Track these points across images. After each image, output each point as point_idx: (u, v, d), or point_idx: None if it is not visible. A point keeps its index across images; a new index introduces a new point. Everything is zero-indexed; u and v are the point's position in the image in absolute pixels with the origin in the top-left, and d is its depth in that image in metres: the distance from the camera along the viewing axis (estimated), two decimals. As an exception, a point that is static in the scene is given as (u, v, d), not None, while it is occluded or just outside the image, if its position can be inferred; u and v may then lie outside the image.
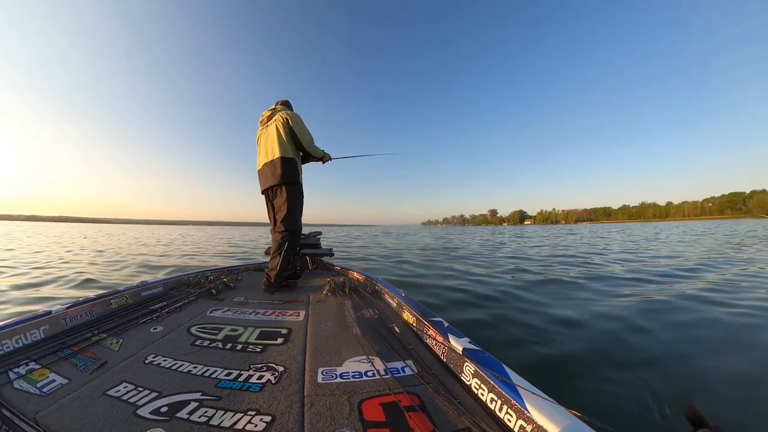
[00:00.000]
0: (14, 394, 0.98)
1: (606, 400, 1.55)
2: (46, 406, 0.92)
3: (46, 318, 1.46)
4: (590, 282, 4.27)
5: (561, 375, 1.81)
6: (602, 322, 2.59)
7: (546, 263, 6.37)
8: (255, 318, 1.78)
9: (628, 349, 2.10)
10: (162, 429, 0.83)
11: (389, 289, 2.09)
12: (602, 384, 1.67)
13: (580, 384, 1.69)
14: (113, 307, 1.86)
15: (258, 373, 1.13)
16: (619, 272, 5.12)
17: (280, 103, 2.81)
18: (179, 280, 2.57)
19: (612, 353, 2.03)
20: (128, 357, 1.27)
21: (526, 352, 2.08)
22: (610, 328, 2.44)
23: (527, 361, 1.95)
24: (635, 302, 3.18)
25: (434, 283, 4.36)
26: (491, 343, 2.16)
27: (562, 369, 1.88)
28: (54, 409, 0.91)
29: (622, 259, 6.86)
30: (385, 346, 1.37)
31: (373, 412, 0.92)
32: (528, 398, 0.80)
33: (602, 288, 3.88)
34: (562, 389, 1.60)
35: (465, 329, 1.31)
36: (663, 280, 4.34)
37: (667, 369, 1.84)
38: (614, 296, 3.45)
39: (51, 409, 0.91)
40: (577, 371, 1.83)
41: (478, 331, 2.50)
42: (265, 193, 2.63)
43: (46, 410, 0.90)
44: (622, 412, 1.46)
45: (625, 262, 6.40)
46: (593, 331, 2.39)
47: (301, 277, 3.02)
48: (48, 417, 0.87)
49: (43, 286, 4.18)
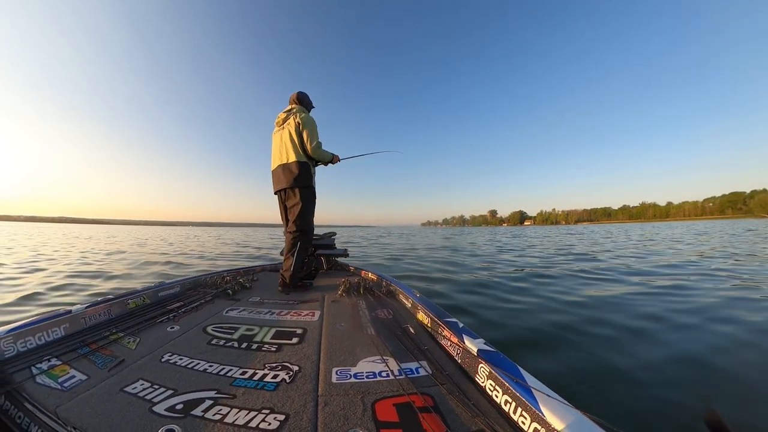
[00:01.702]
0: (37, 388, 1.02)
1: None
2: (67, 400, 0.96)
3: (67, 317, 1.50)
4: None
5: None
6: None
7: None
8: (270, 318, 1.79)
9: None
10: (177, 426, 0.84)
11: (404, 290, 2.08)
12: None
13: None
14: (131, 306, 1.90)
15: (273, 372, 1.13)
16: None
17: (295, 99, 2.70)
18: (196, 281, 2.58)
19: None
20: (145, 355, 1.29)
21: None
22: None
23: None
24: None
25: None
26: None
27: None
28: (74, 404, 0.94)
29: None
30: (399, 346, 1.36)
31: (386, 412, 0.91)
32: (542, 400, 0.79)
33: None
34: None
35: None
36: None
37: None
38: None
39: (71, 403, 0.94)
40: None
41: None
42: (278, 194, 2.63)
43: (67, 404, 0.94)
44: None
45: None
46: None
47: (316, 278, 3.01)
48: (68, 411, 0.91)
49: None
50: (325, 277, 3.03)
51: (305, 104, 2.73)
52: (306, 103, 2.74)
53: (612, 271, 5.21)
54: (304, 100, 2.74)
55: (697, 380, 1.70)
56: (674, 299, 3.26)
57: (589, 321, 2.61)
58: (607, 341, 2.19)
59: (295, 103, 2.69)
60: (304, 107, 2.69)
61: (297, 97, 2.70)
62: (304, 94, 2.75)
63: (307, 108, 2.74)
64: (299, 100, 2.70)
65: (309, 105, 2.78)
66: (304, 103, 2.72)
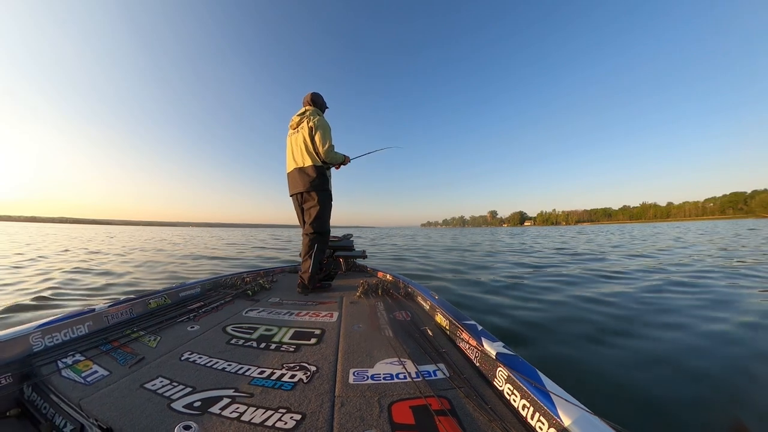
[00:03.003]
0: (62, 381, 1.07)
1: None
2: (89, 394, 1.00)
3: (91, 315, 1.55)
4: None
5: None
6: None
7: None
8: (289, 318, 1.80)
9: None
10: (194, 422, 0.85)
11: (422, 292, 2.06)
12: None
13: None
14: (152, 306, 1.94)
15: (290, 372, 1.14)
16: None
17: (309, 101, 2.65)
18: (216, 282, 2.61)
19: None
20: (165, 353, 1.31)
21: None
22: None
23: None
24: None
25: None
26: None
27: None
28: (96, 397, 0.98)
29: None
30: (417, 348, 1.35)
31: (402, 414, 0.90)
32: (561, 406, 0.77)
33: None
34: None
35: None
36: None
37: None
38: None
39: (93, 397, 0.98)
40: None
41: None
42: (294, 197, 2.63)
43: (89, 398, 0.98)
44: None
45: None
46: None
47: (334, 279, 3.01)
48: (90, 404, 0.94)
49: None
50: (343, 279, 3.04)
51: (319, 105, 2.68)
52: (320, 104, 2.69)
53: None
54: (318, 101, 2.69)
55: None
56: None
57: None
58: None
59: (309, 104, 2.64)
60: (318, 108, 2.65)
61: (311, 98, 2.65)
62: (317, 95, 2.69)
63: (321, 109, 2.69)
64: (313, 101, 2.65)
65: (323, 106, 2.73)
66: (318, 104, 2.67)
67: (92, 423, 0.88)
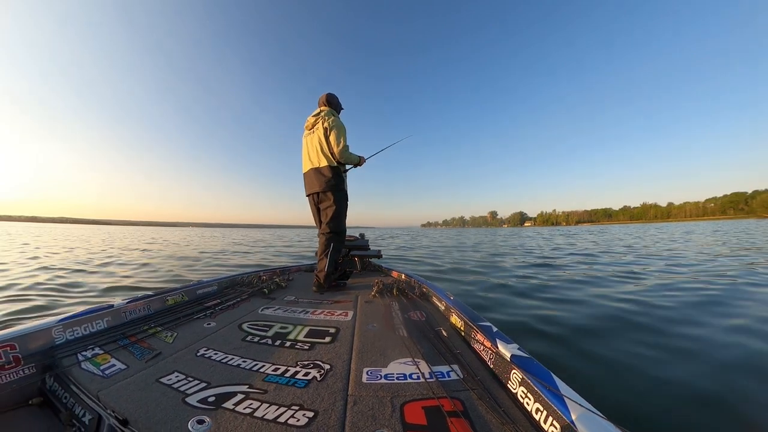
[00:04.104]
0: (81, 373, 1.12)
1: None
2: (107, 386, 1.03)
3: (109, 311, 1.59)
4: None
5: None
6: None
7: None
8: (304, 317, 1.81)
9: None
10: (207, 417, 0.87)
11: (437, 292, 2.04)
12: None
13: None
14: (169, 303, 1.97)
15: (304, 370, 1.15)
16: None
17: (324, 101, 2.63)
18: (233, 280, 2.62)
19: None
20: (181, 349, 1.33)
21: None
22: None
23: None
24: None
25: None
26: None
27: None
28: (113, 390, 1.01)
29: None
30: (431, 349, 1.34)
31: (415, 415, 0.90)
32: (575, 411, 0.75)
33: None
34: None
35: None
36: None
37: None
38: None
39: (111, 389, 1.02)
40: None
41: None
42: (310, 197, 2.64)
43: (107, 390, 1.01)
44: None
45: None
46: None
47: (349, 278, 3.01)
48: (108, 395, 0.98)
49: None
50: (358, 278, 3.05)
51: (334, 106, 2.66)
52: (335, 104, 2.68)
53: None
54: (333, 101, 2.67)
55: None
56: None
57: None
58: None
59: (325, 105, 2.63)
60: (333, 108, 2.64)
61: (326, 99, 2.64)
62: (333, 96, 2.67)
63: (336, 110, 2.68)
64: (328, 101, 2.64)
65: (338, 107, 2.71)
66: (333, 105, 2.66)
67: (109, 414, 0.90)
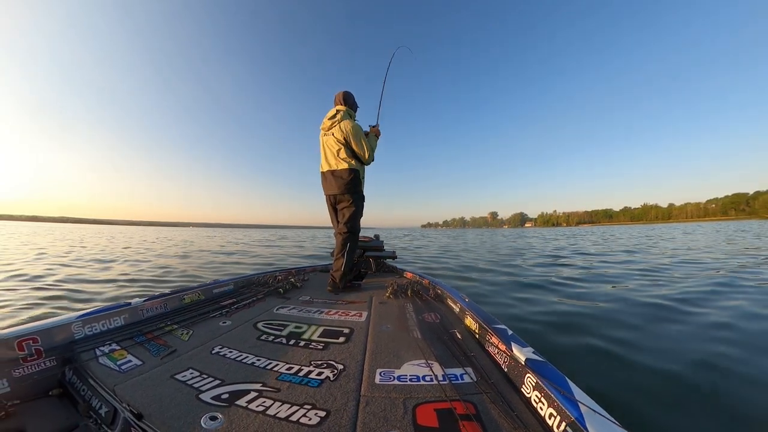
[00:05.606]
0: (99, 367, 1.15)
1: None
2: (123, 381, 1.06)
3: (127, 308, 1.62)
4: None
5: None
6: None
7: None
8: (319, 317, 1.81)
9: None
10: (220, 413, 0.87)
11: (452, 294, 2.02)
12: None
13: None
14: (186, 302, 1.99)
15: (318, 370, 1.15)
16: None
17: (341, 99, 2.59)
18: (249, 279, 2.63)
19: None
20: (196, 347, 1.35)
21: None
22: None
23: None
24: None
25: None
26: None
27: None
28: (129, 384, 1.04)
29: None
30: (445, 351, 1.32)
31: (427, 417, 0.89)
32: (589, 417, 0.74)
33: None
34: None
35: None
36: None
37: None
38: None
39: (127, 384, 1.04)
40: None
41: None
42: (328, 197, 2.66)
43: (123, 384, 1.04)
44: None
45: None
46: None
47: (364, 279, 3.01)
48: (124, 390, 1.00)
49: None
50: (373, 279, 3.02)
51: (350, 104, 2.63)
52: (351, 103, 2.65)
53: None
54: (349, 100, 2.63)
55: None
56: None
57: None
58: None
59: (341, 103, 2.59)
60: (350, 107, 2.61)
61: (343, 97, 2.60)
62: (349, 95, 2.64)
63: (353, 108, 2.66)
64: (344, 100, 2.61)
65: (354, 105, 2.68)
66: (349, 104, 2.63)
67: (125, 408, 0.93)
